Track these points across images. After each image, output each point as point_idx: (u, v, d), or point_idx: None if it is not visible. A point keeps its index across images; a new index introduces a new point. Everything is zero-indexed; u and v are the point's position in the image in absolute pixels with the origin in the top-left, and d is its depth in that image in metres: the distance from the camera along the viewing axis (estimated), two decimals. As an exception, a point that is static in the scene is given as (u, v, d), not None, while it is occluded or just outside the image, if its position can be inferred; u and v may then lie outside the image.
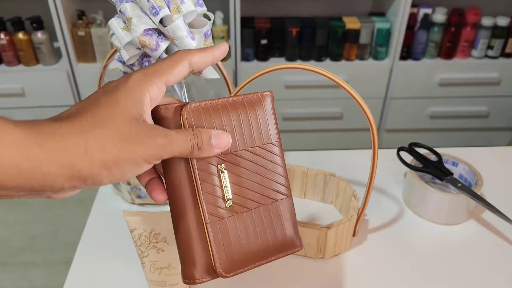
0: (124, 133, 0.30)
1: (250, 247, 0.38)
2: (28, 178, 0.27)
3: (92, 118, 0.30)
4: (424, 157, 0.68)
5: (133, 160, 0.30)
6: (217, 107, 0.36)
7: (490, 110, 1.78)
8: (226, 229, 0.36)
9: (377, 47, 1.65)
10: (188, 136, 0.33)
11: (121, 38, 0.49)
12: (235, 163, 0.37)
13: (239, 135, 0.37)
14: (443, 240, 0.61)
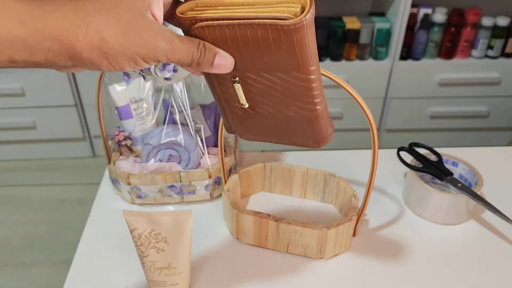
0: (127, 27, 0.29)
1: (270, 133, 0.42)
2: (32, 52, 0.28)
3: (97, 2, 0.29)
4: (424, 157, 0.68)
5: (131, 56, 0.30)
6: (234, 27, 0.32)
7: (490, 110, 1.78)
8: (244, 118, 0.41)
9: (377, 47, 1.65)
10: (192, 49, 0.32)
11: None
12: (251, 82, 0.36)
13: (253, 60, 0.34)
14: (443, 240, 0.61)
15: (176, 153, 0.64)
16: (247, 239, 0.59)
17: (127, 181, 0.62)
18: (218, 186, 0.66)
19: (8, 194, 1.68)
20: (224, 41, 0.33)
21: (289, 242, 0.57)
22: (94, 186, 0.75)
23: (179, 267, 0.48)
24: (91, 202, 0.67)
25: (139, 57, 0.30)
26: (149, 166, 0.64)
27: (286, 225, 0.55)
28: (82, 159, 1.82)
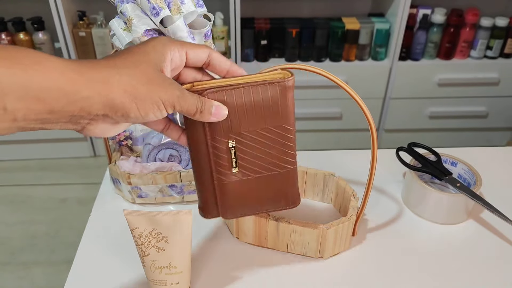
0: (150, 77, 0.35)
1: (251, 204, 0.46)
2: (70, 101, 0.31)
3: (125, 60, 0.35)
4: (423, 157, 0.68)
5: (155, 101, 0.35)
6: (232, 93, 0.41)
7: (489, 110, 1.78)
8: (230, 186, 0.45)
9: (377, 47, 1.65)
10: (196, 99, 0.38)
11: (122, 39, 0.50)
12: (246, 140, 0.43)
13: (252, 118, 0.42)
14: (442, 240, 0.61)
15: (177, 153, 0.65)
16: (247, 239, 0.59)
17: (127, 180, 0.63)
18: (218, 186, 0.66)
19: (8, 194, 1.68)
20: (229, 105, 0.41)
21: (288, 242, 0.57)
22: (95, 186, 0.76)
23: (180, 267, 0.49)
24: (92, 201, 0.68)
25: (161, 102, 0.35)
26: (150, 166, 0.64)
27: (285, 224, 0.55)
28: (83, 159, 1.83)
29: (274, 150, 0.44)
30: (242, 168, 0.44)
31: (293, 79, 0.41)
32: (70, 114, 0.32)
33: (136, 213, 0.46)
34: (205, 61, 0.41)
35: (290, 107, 0.42)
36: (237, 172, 0.44)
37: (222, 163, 0.44)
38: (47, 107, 0.31)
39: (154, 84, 0.35)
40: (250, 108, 0.41)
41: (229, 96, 0.40)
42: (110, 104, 0.33)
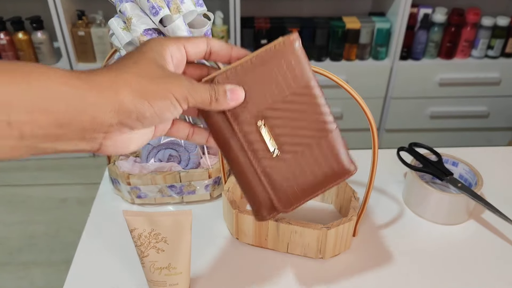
0: (155, 73, 0.33)
1: (304, 184, 0.42)
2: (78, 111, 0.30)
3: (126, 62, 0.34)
4: (424, 157, 0.68)
5: (166, 95, 0.33)
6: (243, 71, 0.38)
7: (490, 110, 1.78)
8: (278, 174, 0.41)
9: (377, 47, 1.65)
10: (207, 87, 0.36)
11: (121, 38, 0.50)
12: (275, 116, 0.39)
13: (271, 89, 0.38)
14: (443, 240, 0.61)
15: (176, 153, 0.64)
16: (247, 239, 0.59)
17: (127, 181, 0.62)
18: (218, 186, 0.66)
19: (7, 194, 1.68)
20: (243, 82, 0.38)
21: (289, 242, 0.57)
22: (94, 186, 0.75)
23: (179, 267, 0.48)
24: (91, 202, 0.67)
25: (172, 96, 0.33)
26: (149, 166, 0.64)
27: (286, 225, 0.55)
28: (82, 159, 1.83)
29: (307, 115, 0.40)
30: (281, 147, 0.40)
31: (296, 35, 0.39)
32: (81, 127, 0.30)
33: (135, 214, 0.46)
34: (206, 52, 0.38)
35: (303, 63, 0.39)
36: (278, 154, 0.40)
37: (259, 148, 0.40)
38: (54, 119, 0.29)
39: (161, 79, 0.33)
40: (265, 79, 0.38)
41: (240, 74, 0.38)
42: (122, 108, 0.31)
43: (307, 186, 0.42)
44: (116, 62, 0.34)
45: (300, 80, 0.39)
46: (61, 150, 0.32)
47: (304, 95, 0.39)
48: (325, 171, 0.42)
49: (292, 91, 0.39)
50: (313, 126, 0.40)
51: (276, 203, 0.42)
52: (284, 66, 0.38)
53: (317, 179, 0.42)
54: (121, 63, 0.34)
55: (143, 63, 0.34)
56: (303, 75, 0.39)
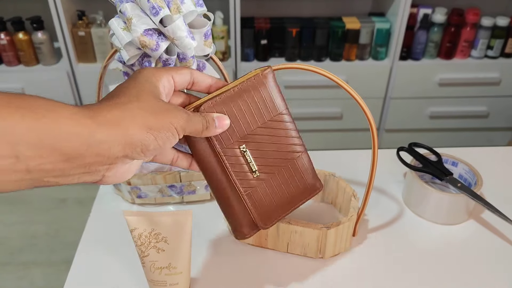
0: (156, 107, 0.35)
1: (281, 201, 0.47)
2: (87, 147, 0.31)
3: (128, 96, 0.35)
4: (424, 157, 0.68)
5: (168, 127, 0.35)
6: (225, 100, 0.42)
7: (490, 110, 1.78)
8: (258, 194, 0.45)
9: (377, 47, 1.65)
10: (200, 117, 0.39)
11: (121, 38, 0.50)
12: (254, 141, 0.44)
13: (250, 116, 0.43)
14: (442, 240, 0.61)
15: (176, 153, 0.64)
16: (247, 239, 0.59)
17: (127, 180, 0.62)
18: (218, 186, 0.66)
19: (8, 194, 1.68)
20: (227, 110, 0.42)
21: (289, 242, 0.57)
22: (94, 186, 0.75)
23: (179, 267, 0.48)
24: (91, 202, 0.67)
25: (174, 127, 0.36)
26: (149, 166, 0.64)
27: (286, 224, 0.55)
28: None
29: (281, 140, 0.45)
30: (261, 169, 0.45)
31: (269, 70, 0.43)
32: (88, 162, 0.31)
33: (135, 214, 0.46)
34: (189, 81, 0.42)
35: (276, 93, 0.44)
36: (259, 175, 0.45)
37: (242, 171, 0.44)
38: (62, 155, 0.30)
39: (162, 112, 0.35)
40: (246, 108, 0.43)
41: (223, 103, 0.42)
42: (129, 142, 0.33)
43: (283, 203, 0.47)
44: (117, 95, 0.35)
45: (275, 108, 0.44)
46: (63, 184, 0.32)
47: (278, 121, 0.44)
48: (297, 189, 0.48)
49: (269, 118, 0.44)
50: (286, 149, 0.45)
51: (258, 221, 0.46)
52: (261, 96, 0.43)
53: (292, 196, 0.48)
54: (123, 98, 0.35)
55: (144, 98, 0.35)
56: (277, 104, 0.44)
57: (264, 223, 0.46)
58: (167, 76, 0.39)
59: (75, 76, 1.63)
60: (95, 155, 0.32)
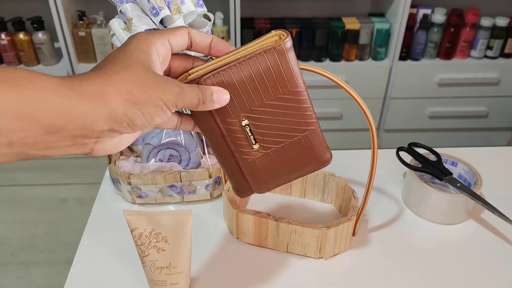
0: (144, 79, 0.33)
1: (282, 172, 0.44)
2: (69, 120, 0.29)
3: (114, 67, 0.32)
4: (424, 157, 0.68)
5: (156, 102, 0.33)
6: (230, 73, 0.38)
7: (489, 110, 1.78)
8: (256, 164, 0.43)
9: (377, 47, 1.65)
10: (196, 91, 0.36)
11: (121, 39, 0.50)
12: (258, 115, 0.40)
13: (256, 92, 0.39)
14: (442, 240, 0.61)
15: (177, 153, 0.65)
16: (247, 239, 0.59)
17: (127, 180, 0.63)
18: (218, 186, 0.66)
19: (8, 194, 1.68)
20: (229, 84, 0.38)
21: (289, 242, 0.57)
22: (95, 186, 0.76)
23: (180, 267, 0.49)
24: (92, 202, 0.68)
25: (162, 103, 0.33)
26: (150, 166, 0.64)
27: (286, 224, 0.55)
28: (82, 159, 1.83)
29: (291, 117, 0.41)
30: (262, 143, 0.42)
31: (289, 39, 0.38)
32: (72, 134, 0.30)
33: (136, 213, 0.46)
34: (187, 42, 0.38)
35: (294, 69, 0.39)
36: (258, 148, 0.42)
37: (241, 143, 0.42)
38: (44, 127, 0.29)
39: (150, 86, 0.33)
40: (253, 83, 0.39)
41: (228, 76, 0.38)
42: (113, 117, 0.31)
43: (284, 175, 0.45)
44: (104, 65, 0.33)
45: (288, 85, 0.39)
46: (51, 156, 0.31)
47: (290, 98, 0.40)
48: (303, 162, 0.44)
49: (279, 95, 0.39)
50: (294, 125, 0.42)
51: (253, 188, 0.45)
52: (273, 71, 0.38)
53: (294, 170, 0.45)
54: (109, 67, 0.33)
55: (132, 68, 0.33)
56: (292, 80, 0.39)
57: (257, 189, 0.45)
58: (162, 40, 0.36)
59: (75, 76, 1.63)
60: (80, 129, 0.30)
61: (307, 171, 0.45)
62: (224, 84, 0.38)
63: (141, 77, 0.33)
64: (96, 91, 0.30)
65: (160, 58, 0.36)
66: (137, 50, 0.34)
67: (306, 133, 0.42)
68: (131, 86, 0.32)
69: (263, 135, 0.42)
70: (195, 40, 0.39)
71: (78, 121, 0.30)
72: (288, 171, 0.45)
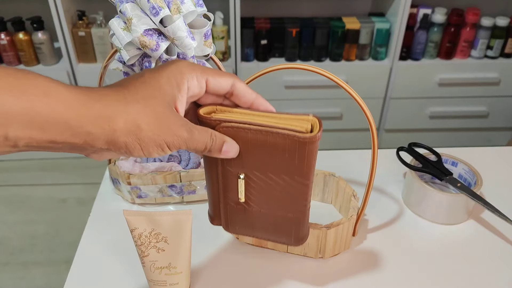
0: (159, 117, 0.33)
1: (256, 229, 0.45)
2: (73, 134, 0.31)
3: (136, 94, 0.33)
4: (424, 157, 0.68)
5: (159, 143, 0.33)
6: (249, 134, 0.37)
7: (490, 110, 1.78)
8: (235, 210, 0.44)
9: (377, 47, 1.65)
10: (206, 138, 0.36)
11: (121, 39, 0.50)
12: (256, 179, 0.41)
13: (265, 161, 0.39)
14: (442, 240, 0.61)
15: (176, 153, 0.65)
16: (247, 239, 0.59)
17: (127, 180, 0.63)
18: (218, 186, 0.66)
19: (8, 194, 1.68)
20: (244, 141, 0.38)
21: (289, 242, 0.57)
22: (95, 186, 0.75)
23: (179, 267, 0.49)
24: (92, 202, 0.67)
25: (165, 144, 0.34)
26: (149, 166, 0.64)
27: (286, 224, 0.55)
28: (82, 159, 1.83)
29: (285, 196, 0.41)
30: (249, 200, 0.42)
31: (319, 136, 0.36)
32: (73, 146, 0.32)
33: (135, 213, 0.46)
34: (228, 91, 0.38)
35: (310, 164, 0.38)
36: (243, 202, 0.43)
37: (230, 189, 0.42)
38: (49, 137, 0.30)
39: (161, 126, 0.33)
40: (266, 154, 0.38)
41: (248, 134, 0.37)
42: (113, 142, 0.32)
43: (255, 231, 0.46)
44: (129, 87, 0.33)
45: (298, 173, 0.39)
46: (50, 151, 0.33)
47: (294, 185, 0.40)
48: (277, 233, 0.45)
49: (286, 177, 0.39)
50: (289, 205, 0.42)
51: (223, 224, 0.47)
52: (295, 157, 0.38)
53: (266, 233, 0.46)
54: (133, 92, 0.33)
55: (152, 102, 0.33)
56: (304, 172, 0.39)
57: (228, 228, 0.47)
58: (199, 79, 0.36)
59: (75, 76, 1.63)
60: (82, 142, 0.32)
61: (280, 241, 0.46)
62: (239, 138, 0.38)
63: (157, 114, 0.33)
64: (107, 114, 0.31)
65: (189, 93, 0.36)
66: (169, 83, 0.34)
67: (294, 215, 0.43)
68: (142, 121, 0.32)
69: (253, 196, 0.42)
70: (238, 93, 0.38)
71: (82, 137, 0.31)
72: (262, 232, 0.46)
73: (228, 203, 0.44)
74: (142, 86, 0.33)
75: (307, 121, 0.37)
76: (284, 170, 0.39)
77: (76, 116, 0.30)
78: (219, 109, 0.39)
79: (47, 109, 0.29)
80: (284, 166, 0.38)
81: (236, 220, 0.45)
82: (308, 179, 0.39)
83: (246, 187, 0.41)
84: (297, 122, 0.37)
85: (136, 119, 0.32)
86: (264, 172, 0.40)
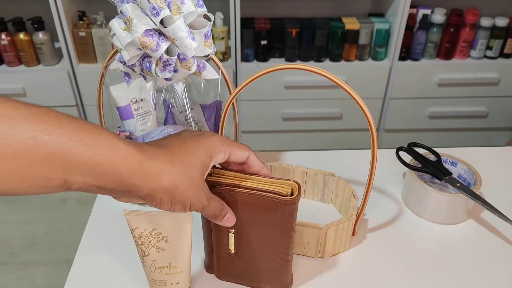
0: (192, 183, 0.39)
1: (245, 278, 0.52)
2: (122, 184, 0.35)
3: (181, 157, 0.38)
4: (423, 157, 0.68)
5: (185, 203, 0.39)
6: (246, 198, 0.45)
7: (489, 110, 1.78)
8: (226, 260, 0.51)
9: (377, 47, 1.66)
10: (218, 208, 0.43)
11: (121, 39, 0.50)
12: (245, 235, 0.48)
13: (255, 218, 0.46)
14: (442, 240, 0.61)
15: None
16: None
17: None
18: (218, 186, 0.66)
19: (8, 194, 1.68)
20: (234, 202, 0.45)
21: (288, 242, 0.58)
22: (95, 186, 0.75)
23: (180, 266, 0.49)
24: (92, 201, 0.68)
25: (189, 206, 0.39)
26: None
27: (285, 224, 0.55)
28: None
29: (270, 248, 0.48)
30: (239, 251, 0.49)
31: (298, 198, 0.44)
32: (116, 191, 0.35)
33: (136, 213, 0.46)
34: (243, 161, 0.45)
35: (291, 221, 0.46)
36: (233, 252, 0.50)
37: (222, 242, 0.49)
38: (101, 184, 0.34)
39: (192, 190, 0.39)
40: (254, 212, 0.45)
41: (244, 199, 0.45)
42: (151, 196, 0.36)
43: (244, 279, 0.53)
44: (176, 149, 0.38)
45: (284, 228, 0.46)
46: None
47: (278, 238, 0.47)
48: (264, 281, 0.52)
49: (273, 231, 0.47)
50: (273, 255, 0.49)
51: (216, 273, 0.54)
52: (277, 216, 0.45)
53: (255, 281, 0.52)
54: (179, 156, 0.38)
55: (192, 168, 0.38)
56: (289, 226, 0.46)
57: (220, 276, 0.54)
58: (224, 153, 0.42)
59: (76, 76, 1.64)
60: (125, 190, 0.35)
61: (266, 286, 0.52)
62: (232, 199, 0.45)
63: (192, 179, 0.39)
64: (156, 172, 0.36)
65: (217, 162, 0.42)
66: (205, 154, 0.40)
67: (279, 264, 0.49)
68: (181, 182, 0.37)
69: (242, 247, 0.49)
70: (250, 164, 0.45)
71: (128, 187, 0.35)
72: (250, 280, 0.52)
73: (220, 254, 0.51)
74: (186, 152, 0.39)
75: (288, 186, 0.45)
76: (268, 226, 0.46)
77: (129, 170, 0.34)
78: (216, 171, 0.46)
79: (107, 161, 0.33)
80: (268, 223, 0.46)
81: (227, 269, 0.52)
82: (290, 234, 0.47)
83: (236, 240, 0.48)
84: (279, 186, 0.45)
85: (176, 180, 0.37)
86: (252, 228, 0.47)
